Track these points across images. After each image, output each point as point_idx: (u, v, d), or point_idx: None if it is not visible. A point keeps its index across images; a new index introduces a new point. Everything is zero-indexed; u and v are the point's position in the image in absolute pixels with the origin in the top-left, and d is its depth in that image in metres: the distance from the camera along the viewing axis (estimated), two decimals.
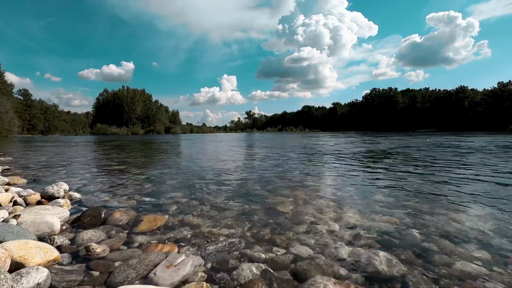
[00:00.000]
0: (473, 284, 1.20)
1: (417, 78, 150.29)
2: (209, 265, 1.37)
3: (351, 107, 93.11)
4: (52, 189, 2.57)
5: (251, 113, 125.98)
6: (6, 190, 2.63)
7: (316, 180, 3.74)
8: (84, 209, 2.23)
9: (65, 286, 1.17)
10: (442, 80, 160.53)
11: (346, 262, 1.40)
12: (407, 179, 3.62)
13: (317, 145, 12.34)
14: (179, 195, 2.82)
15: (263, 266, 1.37)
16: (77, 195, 2.70)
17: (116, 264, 1.37)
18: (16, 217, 1.79)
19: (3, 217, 1.83)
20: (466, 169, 4.39)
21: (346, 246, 1.57)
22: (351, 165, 5.23)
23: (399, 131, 57.24)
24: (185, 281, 1.23)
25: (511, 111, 54.97)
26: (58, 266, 1.33)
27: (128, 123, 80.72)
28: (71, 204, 2.42)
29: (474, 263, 1.37)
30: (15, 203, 2.30)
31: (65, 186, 2.74)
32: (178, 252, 1.52)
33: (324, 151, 8.67)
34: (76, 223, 1.94)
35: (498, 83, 61.93)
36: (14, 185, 3.22)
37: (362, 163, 5.66)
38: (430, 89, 77.84)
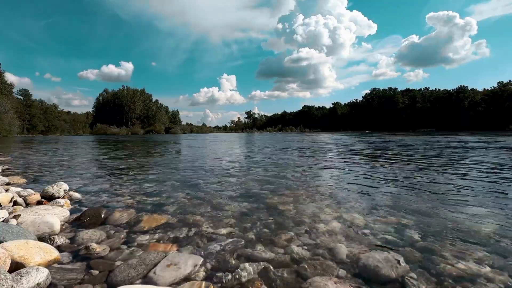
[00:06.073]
0: (473, 284, 1.20)
1: (416, 78, 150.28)
2: (209, 265, 1.37)
3: (351, 107, 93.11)
4: (52, 189, 2.57)
5: (251, 113, 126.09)
6: (6, 190, 2.63)
7: (316, 179, 3.74)
8: (84, 209, 2.23)
9: (66, 285, 1.17)
10: (441, 80, 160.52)
11: (346, 262, 1.40)
12: (407, 179, 3.62)
13: (317, 144, 12.34)
14: (179, 194, 2.82)
15: (263, 265, 1.36)
16: (77, 195, 2.70)
17: (116, 263, 1.37)
18: (16, 217, 1.79)
19: (3, 217, 1.83)
20: (466, 169, 4.39)
21: (346, 246, 1.57)
22: (351, 164, 5.23)
23: (399, 131, 57.26)
24: (185, 280, 1.23)
25: (511, 111, 54.95)
26: (58, 266, 1.33)
27: (128, 123, 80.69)
28: (71, 204, 2.42)
29: (475, 264, 1.37)
30: (15, 203, 2.30)
31: (65, 186, 2.74)
32: (178, 251, 1.52)
33: (324, 151, 8.67)
34: (76, 223, 1.94)
35: (498, 83, 62.01)
36: (14, 185, 3.22)
37: (362, 162, 5.66)
38: (430, 89, 77.91)
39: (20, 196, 2.47)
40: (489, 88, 64.07)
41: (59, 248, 1.52)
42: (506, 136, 17.89)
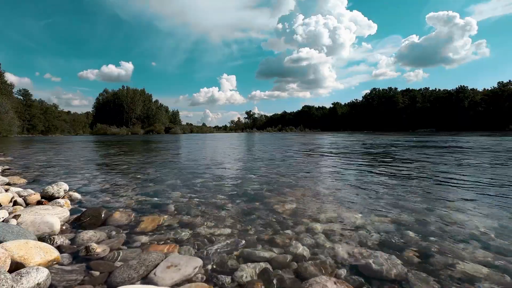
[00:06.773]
0: (473, 284, 1.20)
1: (416, 78, 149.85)
2: (209, 266, 1.37)
3: (351, 107, 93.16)
4: (52, 189, 2.57)
5: (251, 113, 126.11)
6: (6, 190, 2.63)
7: (316, 179, 3.74)
8: (84, 209, 2.23)
9: (65, 286, 1.17)
10: (441, 80, 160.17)
11: (346, 262, 1.40)
12: (406, 179, 3.62)
13: (317, 144, 12.34)
14: (179, 195, 2.82)
15: (263, 266, 1.36)
16: (77, 195, 2.70)
17: (117, 264, 1.37)
18: (16, 217, 1.79)
19: (3, 217, 1.83)
20: (465, 169, 4.39)
21: (346, 246, 1.57)
22: (351, 164, 5.23)
23: (399, 131, 57.26)
24: (185, 281, 1.23)
25: (511, 111, 54.98)
26: (58, 266, 1.33)
27: (128, 123, 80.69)
28: (71, 204, 2.42)
29: (475, 264, 1.37)
30: (15, 203, 2.30)
31: (65, 186, 2.74)
32: (178, 252, 1.52)
33: (323, 151, 8.67)
34: (76, 223, 1.94)
35: (498, 83, 62.05)
36: (14, 185, 3.22)
37: (361, 162, 5.66)
38: (430, 89, 77.95)
39: (20, 196, 2.47)
40: (489, 88, 64.12)
41: (59, 248, 1.52)
42: (501, 136, 17.89)
